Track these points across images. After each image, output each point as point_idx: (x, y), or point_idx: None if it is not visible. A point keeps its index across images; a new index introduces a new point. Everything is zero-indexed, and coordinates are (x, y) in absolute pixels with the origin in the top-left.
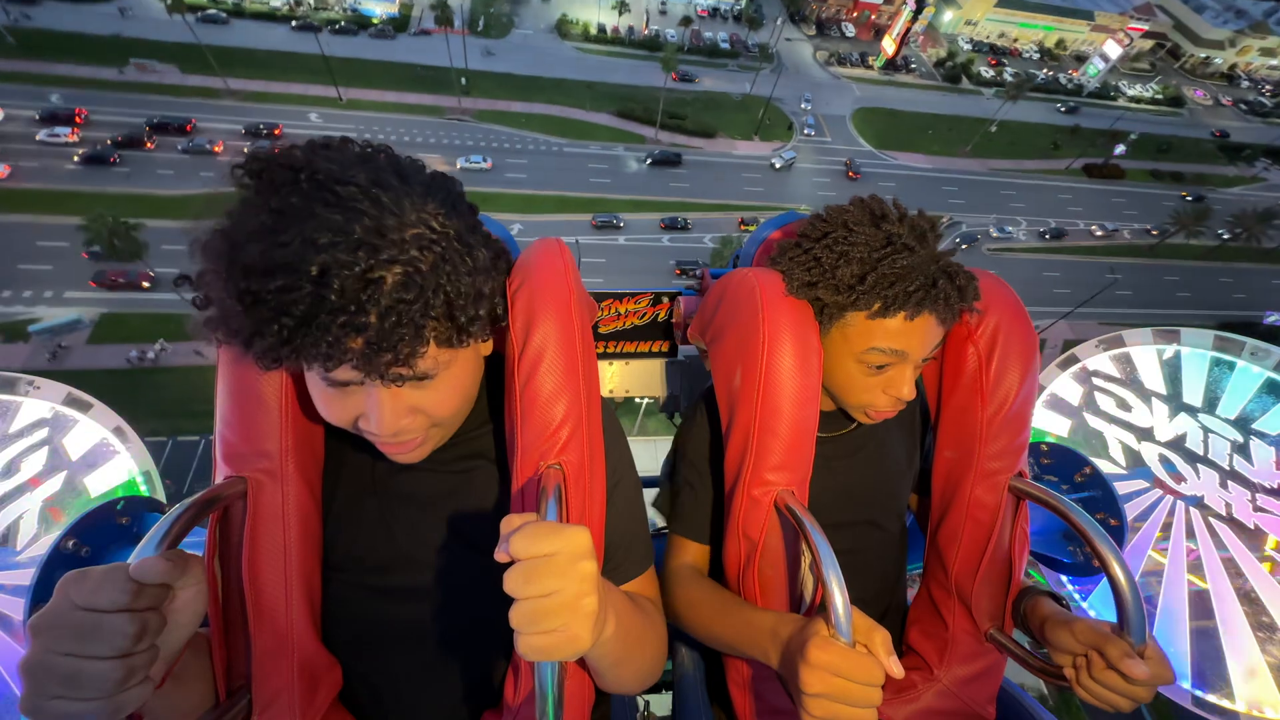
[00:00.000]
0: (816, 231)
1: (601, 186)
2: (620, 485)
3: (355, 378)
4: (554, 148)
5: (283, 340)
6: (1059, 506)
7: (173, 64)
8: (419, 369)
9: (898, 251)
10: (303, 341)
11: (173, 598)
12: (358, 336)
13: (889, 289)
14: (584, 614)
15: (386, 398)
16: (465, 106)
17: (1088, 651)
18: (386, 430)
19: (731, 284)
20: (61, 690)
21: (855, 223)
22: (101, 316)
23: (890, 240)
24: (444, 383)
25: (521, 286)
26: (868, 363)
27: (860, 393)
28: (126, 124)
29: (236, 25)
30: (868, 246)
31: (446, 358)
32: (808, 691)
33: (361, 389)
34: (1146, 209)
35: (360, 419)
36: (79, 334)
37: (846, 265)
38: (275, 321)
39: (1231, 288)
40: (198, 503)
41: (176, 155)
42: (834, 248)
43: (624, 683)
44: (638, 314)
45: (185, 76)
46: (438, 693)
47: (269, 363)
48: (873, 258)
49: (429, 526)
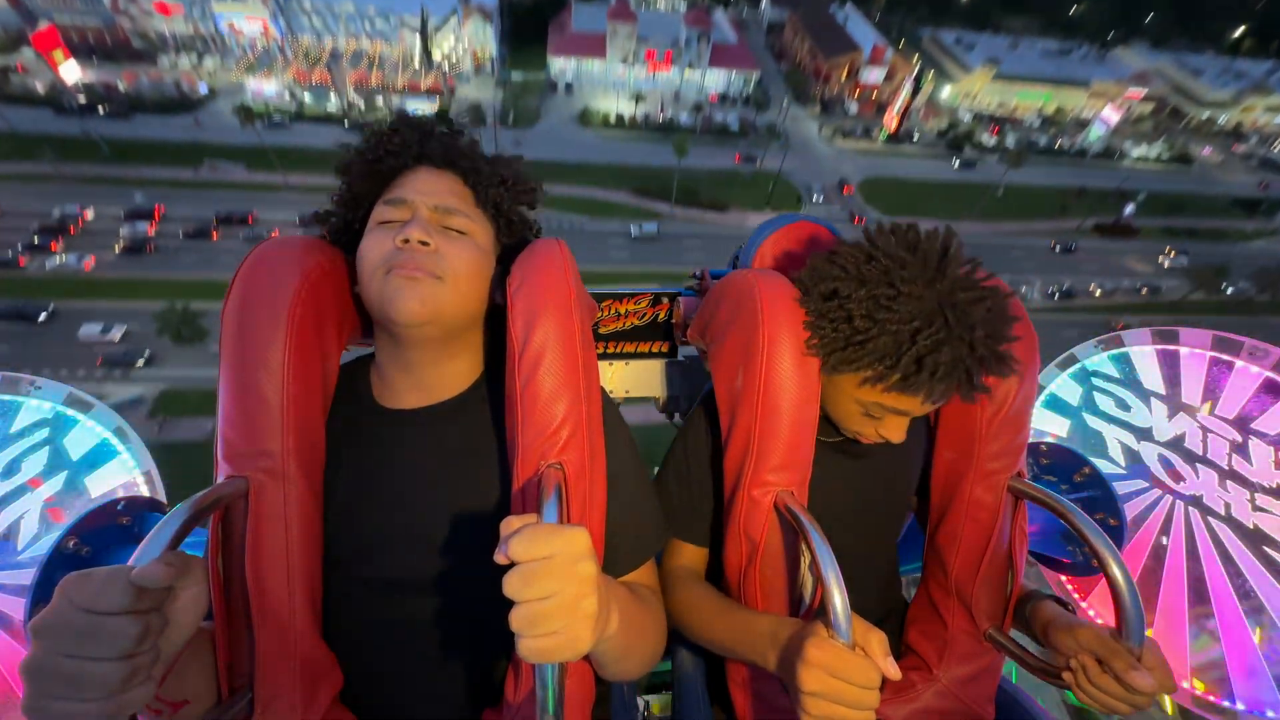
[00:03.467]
0: (850, 278)
1: (621, 260)
2: (621, 475)
3: (406, 193)
4: (577, 225)
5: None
6: (1058, 507)
7: (240, 162)
8: (452, 202)
9: (941, 332)
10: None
11: (174, 598)
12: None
13: (916, 375)
14: (584, 616)
15: (427, 204)
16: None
17: (1087, 655)
18: (424, 213)
19: (732, 286)
20: (63, 691)
21: (907, 278)
22: (160, 393)
23: (939, 312)
24: (464, 241)
25: (521, 286)
26: (867, 409)
27: (850, 423)
28: (197, 218)
29: (296, 128)
30: (910, 317)
31: (475, 217)
32: (805, 690)
33: (409, 207)
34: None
35: (400, 231)
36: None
37: (881, 336)
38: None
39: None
40: (199, 504)
41: (238, 243)
42: (874, 314)
43: (627, 673)
44: (638, 314)
45: (251, 174)
46: (438, 691)
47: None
48: (910, 331)
49: (429, 525)
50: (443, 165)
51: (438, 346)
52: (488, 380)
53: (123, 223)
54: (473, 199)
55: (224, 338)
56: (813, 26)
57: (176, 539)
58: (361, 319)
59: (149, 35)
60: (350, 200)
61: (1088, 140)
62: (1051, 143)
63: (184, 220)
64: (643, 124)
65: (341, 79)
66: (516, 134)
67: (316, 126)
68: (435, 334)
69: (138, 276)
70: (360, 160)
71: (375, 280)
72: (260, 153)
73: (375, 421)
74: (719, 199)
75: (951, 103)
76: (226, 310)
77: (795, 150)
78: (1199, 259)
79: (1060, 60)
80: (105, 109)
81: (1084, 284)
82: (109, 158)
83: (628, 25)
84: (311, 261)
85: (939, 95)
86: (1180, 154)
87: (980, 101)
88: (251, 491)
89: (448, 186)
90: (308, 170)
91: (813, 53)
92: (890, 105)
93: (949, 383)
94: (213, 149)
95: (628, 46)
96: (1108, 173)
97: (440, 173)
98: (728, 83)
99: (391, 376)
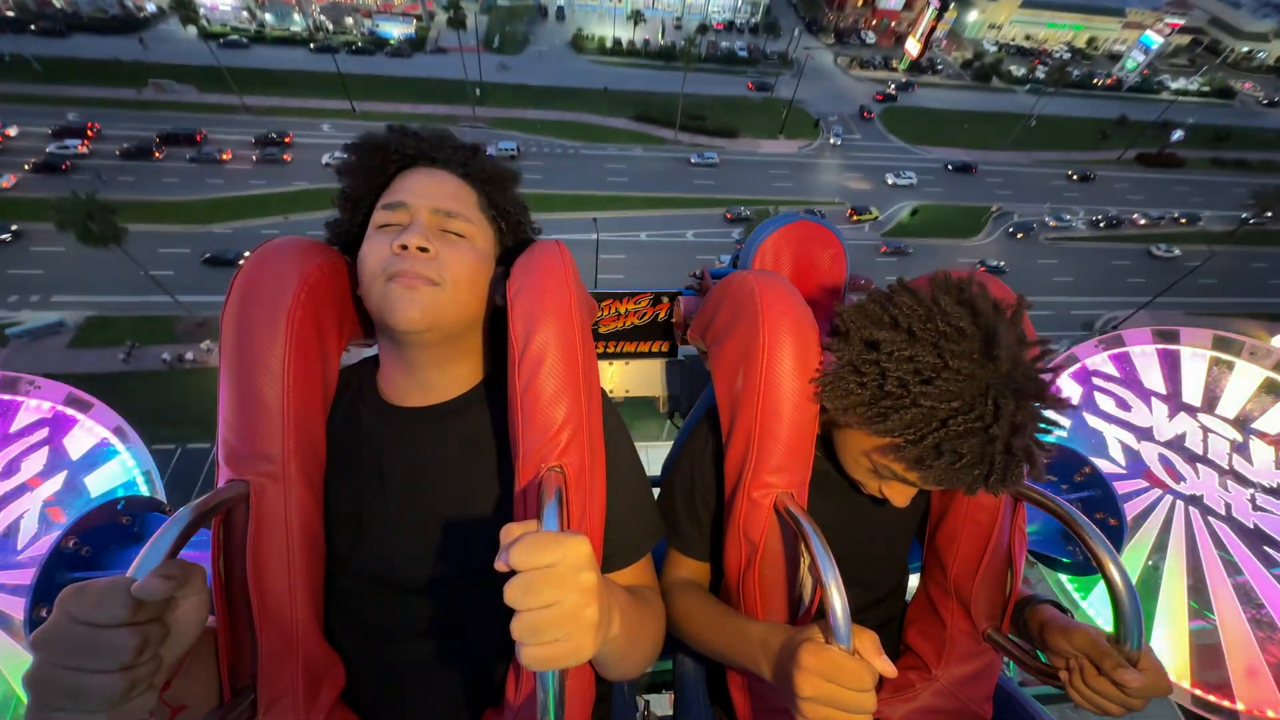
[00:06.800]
0: (901, 332)
1: (619, 185)
2: (620, 475)
3: (405, 196)
4: (570, 150)
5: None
6: (1057, 509)
7: (191, 85)
8: (452, 206)
9: (976, 422)
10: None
11: (174, 606)
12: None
13: (934, 459)
14: (585, 624)
15: (426, 207)
16: (480, 115)
17: (1083, 657)
18: (423, 217)
19: (732, 287)
20: (65, 703)
21: (958, 354)
22: (86, 320)
23: (982, 399)
24: (463, 245)
25: (521, 289)
26: (875, 466)
27: (854, 471)
28: (138, 137)
29: (256, 50)
30: (950, 397)
31: (475, 220)
32: (802, 695)
33: (408, 211)
34: (1212, 197)
35: (398, 237)
36: (60, 338)
37: (911, 408)
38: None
39: None
40: (200, 508)
41: (184, 164)
42: (910, 384)
43: (627, 673)
44: (638, 314)
45: (203, 95)
46: (438, 691)
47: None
48: (945, 413)
49: (431, 526)
50: (442, 167)
51: (438, 349)
52: (490, 381)
53: (50, 140)
54: (474, 202)
55: (223, 340)
56: None
57: (178, 545)
58: (363, 320)
59: None
60: (350, 203)
61: (1124, 70)
62: (1085, 76)
63: (124, 141)
64: (642, 50)
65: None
66: (502, 59)
67: (279, 49)
68: (435, 339)
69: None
70: (358, 162)
71: (375, 287)
72: (214, 73)
73: (379, 418)
74: (728, 125)
75: (975, 33)
76: (226, 313)
77: (810, 79)
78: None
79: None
80: (38, 26)
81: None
82: (40, 76)
83: None
84: (311, 264)
85: (962, 25)
86: (1221, 88)
87: (1007, 32)
88: (252, 495)
89: (448, 189)
90: (267, 92)
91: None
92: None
93: (966, 475)
94: (164, 70)
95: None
96: (1146, 105)
97: (440, 174)
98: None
99: (394, 377)
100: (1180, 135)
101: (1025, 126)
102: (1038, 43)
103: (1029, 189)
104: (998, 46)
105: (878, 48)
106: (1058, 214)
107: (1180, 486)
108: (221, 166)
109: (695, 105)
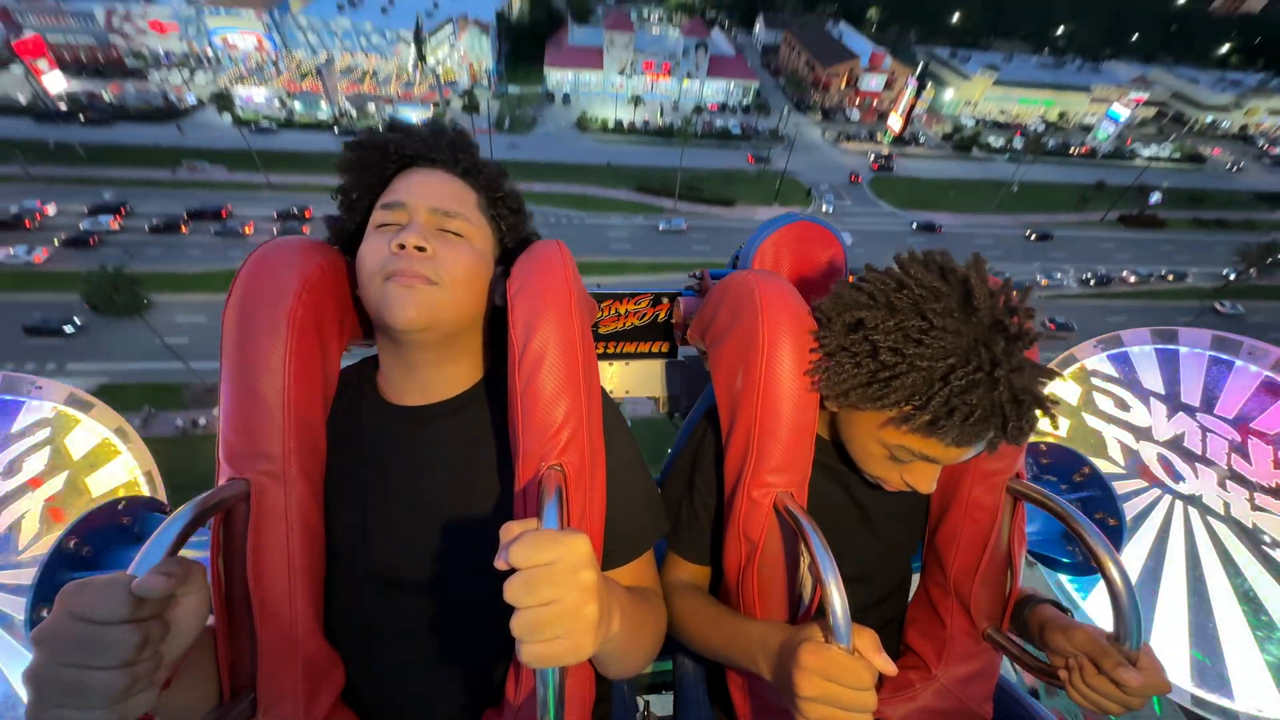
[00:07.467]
0: (878, 306)
1: (623, 251)
2: (621, 471)
3: (404, 196)
4: (574, 220)
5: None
6: (1057, 509)
7: (221, 164)
8: (450, 205)
9: (978, 372)
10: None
11: (175, 604)
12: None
13: (947, 418)
14: (585, 622)
15: (425, 207)
16: None
17: (1083, 656)
18: (421, 216)
19: (732, 287)
20: (66, 700)
21: (941, 310)
22: (99, 387)
23: (976, 350)
24: (461, 244)
25: (521, 288)
26: (892, 451)
27: (872, 466)
28: (167, 214)
29: (284, 134)
30: (944, 354)
31: (474, 220)
32: (802, 695)
33: (406, 210)
34: (1197, 254)
35: (396, 236)
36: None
37: (910, 373)
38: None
39: None
40: (200, 507)
41: (209, 238)
42: (903, 349)
43: (627, 671)
44: (638, 314)
45: (231, 174)
46: (438, 691)
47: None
48: (943, 369)
49: (431, 525)
50: (441, 166)
51: (437, 349)
52: (489, 380)
53: (84, 218)
54: (473, 201)
55: (224, 340)
56: (808, 41)
57: (178, 543)
58: (363, 320)
59: (143, 53)
60: (349, 203)
61: (1096, 140)
62: (1060, 145)
63: (153, 216)
64: (642, 129)
65: (333, 85)
66: (512, 139)
67: (306, 134)
68: (433, 338)
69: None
70: (357, 161)
71: (374, 286)
72: (244, 155)
73: (379, 417)
74: (725, 194)
75: (953, 110)
76: (227, 312)
77: (800, 151)
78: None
79: (1056, 70)
80: (86, 116)
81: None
82: (84, 160)
83: (625, 35)
84: (312, 263)
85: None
86: (1191, 154)
87: (981, 109)
88: (253, 494)
89: (447, 189)
90: (291, 171)
91: (810, 64)
92: (894, 108)
93: (983, 428)
94: (194, 153)
95: (625, 58)
96: (1121, 171)
97: (439, 174)
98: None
99: (394, 377)
100: (1159, 198)
101: (1009, 192)
102: (1012, 117)
103: (1019, 251)
104: (975, 121)
105: (862, 123)
106: (1049, 273)
107: (1179, 486)
108: (244, 239)
109: (693, 177)
